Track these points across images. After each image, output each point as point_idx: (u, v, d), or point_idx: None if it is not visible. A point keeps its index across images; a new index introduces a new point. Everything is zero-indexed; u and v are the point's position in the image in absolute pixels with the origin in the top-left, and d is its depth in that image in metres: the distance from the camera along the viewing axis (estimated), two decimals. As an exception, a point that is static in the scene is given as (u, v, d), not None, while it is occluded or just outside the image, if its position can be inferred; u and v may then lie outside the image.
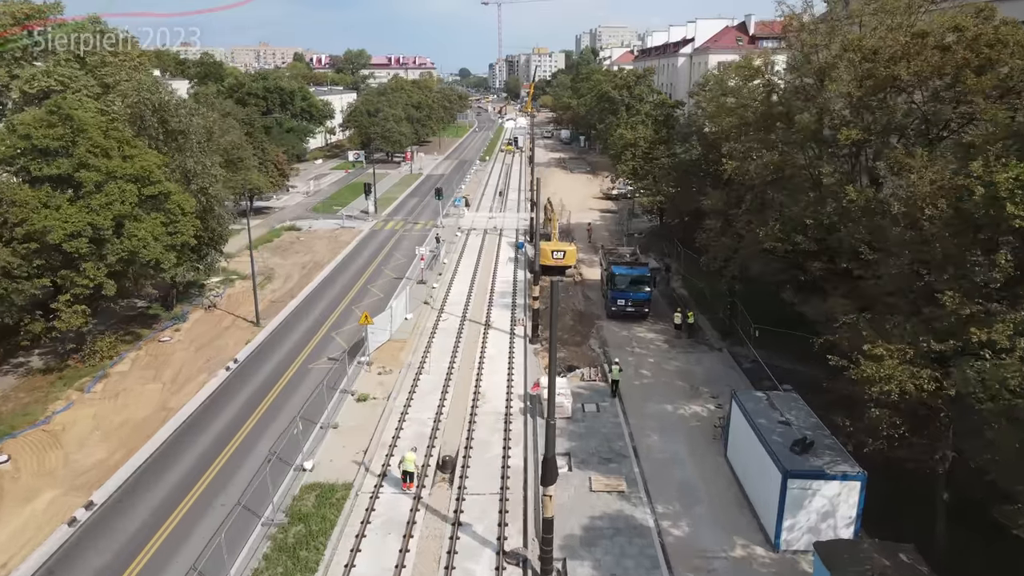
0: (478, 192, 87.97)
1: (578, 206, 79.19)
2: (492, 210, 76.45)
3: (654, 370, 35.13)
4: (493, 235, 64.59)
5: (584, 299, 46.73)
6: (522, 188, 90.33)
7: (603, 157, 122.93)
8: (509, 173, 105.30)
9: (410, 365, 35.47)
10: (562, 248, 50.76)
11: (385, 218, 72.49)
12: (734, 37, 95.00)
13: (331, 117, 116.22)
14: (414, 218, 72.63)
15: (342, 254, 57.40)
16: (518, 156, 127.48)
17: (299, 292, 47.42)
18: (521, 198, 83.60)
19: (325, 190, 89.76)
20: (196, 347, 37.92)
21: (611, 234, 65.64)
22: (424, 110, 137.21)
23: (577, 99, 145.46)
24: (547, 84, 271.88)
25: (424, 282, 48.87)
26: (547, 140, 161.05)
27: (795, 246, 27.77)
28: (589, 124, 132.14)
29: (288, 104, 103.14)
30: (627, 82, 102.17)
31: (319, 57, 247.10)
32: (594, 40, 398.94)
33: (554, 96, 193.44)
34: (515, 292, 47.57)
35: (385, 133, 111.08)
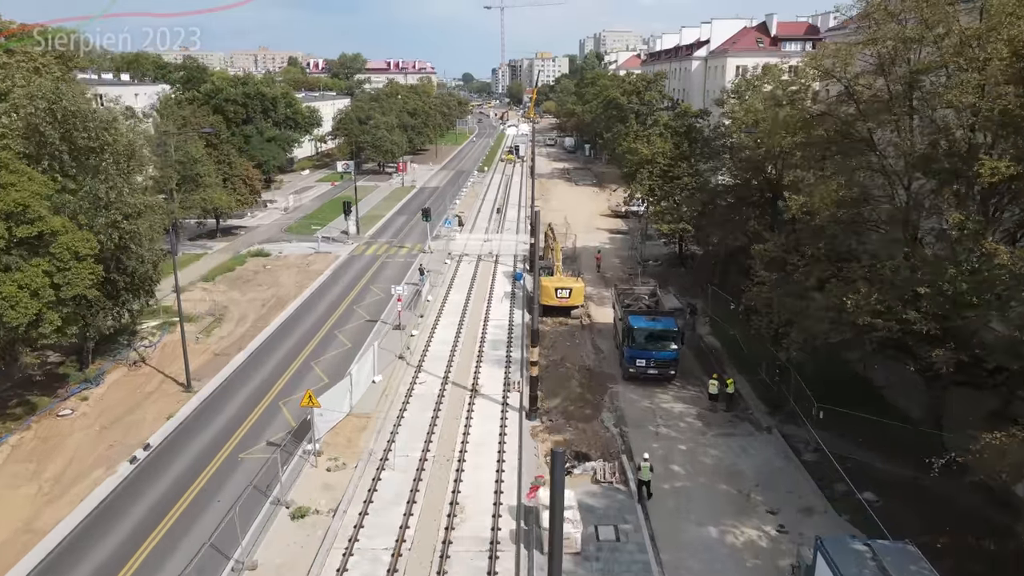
0: (473, 209, 79.91)
1: (584, 225, 71.17)
2: (488, 231, 68.37)
3: (689, 463, 26.97)
4: (488, 262, 56.51)
5: (594, 350, 38.60)
6: (522, 204, 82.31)
7: (610, 167, 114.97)
8: (509, 186, 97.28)
9: (371, 454, 27.38)
10: (567, 285, 42.70)
11: (368, 240, 64.46)
12: (754, 38, 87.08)
13: (318, 125, 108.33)
14: (400, 240, 64.56)
15: (311, 288, 49.35)
16: (519, 166, 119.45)
17: (250, 341, 39.35)
18: (521, 216, 75.56)
19: (307, 206, 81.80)
20: (102, 424, 29.87)
21: (622, 261, 57.51)
22: (420, 117, 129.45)
23: (582, 105, 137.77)
24: (550, 89, 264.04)
25: (402, 327, 40.77)
26: (550, 148, 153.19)
27: (903, 325, 19.62)
28: (595, 132, 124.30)
29: (270, 111, 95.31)
30: (636, 88, 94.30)
31: (316, 61, 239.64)
32: (598, 45, 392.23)
33: (557, 102, 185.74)
34: (510, 340, 39.45)
35: (376, 142, 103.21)
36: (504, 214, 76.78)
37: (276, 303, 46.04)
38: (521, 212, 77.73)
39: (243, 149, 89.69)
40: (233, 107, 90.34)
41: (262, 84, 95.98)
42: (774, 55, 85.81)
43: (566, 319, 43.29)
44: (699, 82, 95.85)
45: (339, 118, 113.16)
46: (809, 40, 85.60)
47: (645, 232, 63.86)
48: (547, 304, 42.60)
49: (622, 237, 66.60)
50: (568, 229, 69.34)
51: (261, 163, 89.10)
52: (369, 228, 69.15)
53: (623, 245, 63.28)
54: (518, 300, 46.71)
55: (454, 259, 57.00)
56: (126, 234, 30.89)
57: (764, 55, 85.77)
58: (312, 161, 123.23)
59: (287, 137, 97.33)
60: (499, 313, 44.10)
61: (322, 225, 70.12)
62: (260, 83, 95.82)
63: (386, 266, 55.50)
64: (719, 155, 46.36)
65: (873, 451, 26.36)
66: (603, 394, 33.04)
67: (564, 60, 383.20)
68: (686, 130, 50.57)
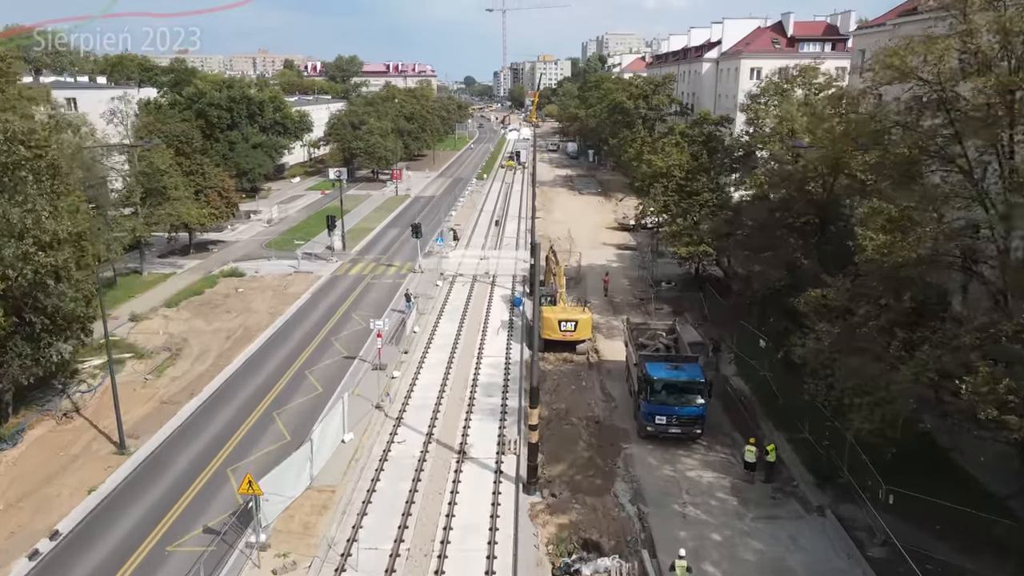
0: (470, 221, 74.66)
1: (589, 239, 65.93)
2: (485, 247, 63.08)
3: (727, 560, 21.66)
4: (484, 284, 51.26)
5: (603, 396, 33.32)
6: (523, 215, 77.08)
7: (615, 175, 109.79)
8: (509, 195, 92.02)
9: (331, 545, 22.08)
10: (572, 316, 37.42)
11: (354, 257, 59.22)
12: (769, 39, 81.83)
13: (309, 130, 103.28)
14: (389, 257, 59.30)
15: (285, 315, 44.12)
16: (520, 173, 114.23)
17: (207, 383, 34.10)
18: (521, 229, 70.29)
19: (292, 217, 76.58)
20: (8, 501, 24.61)
21: (632, 283, 52.21)
22: (417, 122, 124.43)
23: (585, 110, 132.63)
24: (552, 93, 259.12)
25: (382, 367, 35.48)
26: (552, 154, 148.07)
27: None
28: (599, 138, 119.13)
29: (257, 116, 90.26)
30: (643, 91, 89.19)
31: (313, 64, 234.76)
32: (601, 47, 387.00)
33: (560, 106, 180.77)
34: (506, 384, 34.17)
35: (369, 148, 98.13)
36: (503, 227, 71.50)
37: (244, 334, 40.78)
38: (521, 225, 72.49)
39: (227, 156, 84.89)
40: (217, 112, 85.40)
41: (248, 87, 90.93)
42: (791, 57, 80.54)
43: (571, 354, 38.05)
44: (710, 85, 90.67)
45: (331, 123, 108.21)
46: (828, 41, 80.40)
47: (656, 249, 58.66)
48: (550, 338, 37.38)
49: (631, 254, 61.28)
50: (572, 244, 64.08)
51: (246, 171, 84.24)
52: (356, 243, 63.90)
53: (632, 263, 57.95)
54: (516, 330, 41.45)
55: (447, 280, 51.73)
56: (42, 268, 25.62)
57: (780, 57, 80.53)
58: (304, 168, 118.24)
59: (275, 143, 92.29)
60: (495, 347, 38.81)
61: (306, 240, 64.91)
62: (246, 86, 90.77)
63: (371, 288, 50.24)
64: (745, 167, 41.05)
65: (957, 545, 21.10)
66: (616, 457, 27.71)
67: (567, 63, 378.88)
68: (705, 139, 45.27)
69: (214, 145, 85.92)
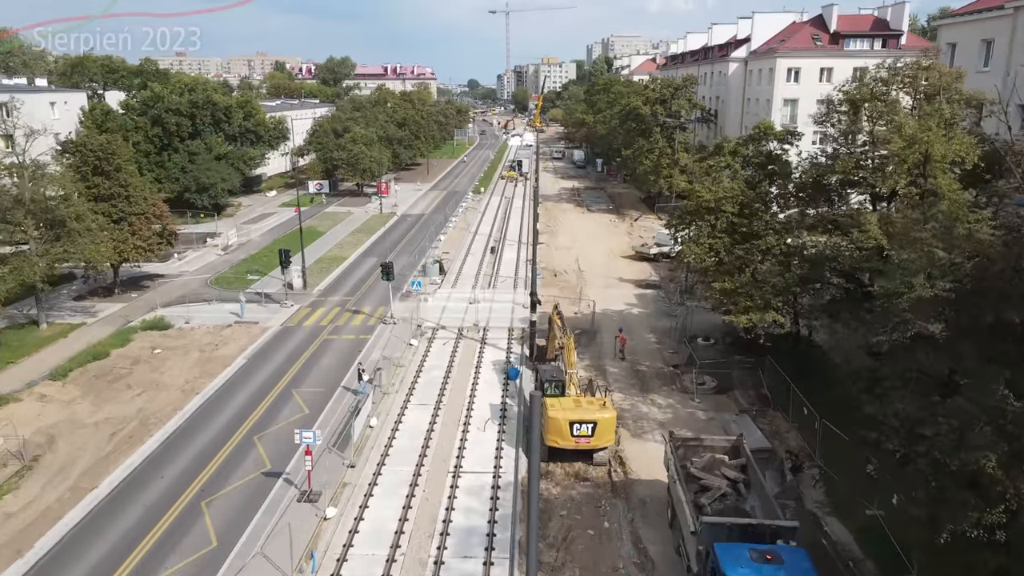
0: (461, 247, 63.62)
1: (602, 272, 54.97)
2: (477, 283, 51.99)
3: None
4: (471, 342, 40.25)
5: (636, 554, 22.26)
6: (524, 239, 66.14)
7: (628, 188, 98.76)
8: (508, 213, 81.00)
9: None
10: (589, 417, 26.34)
11: (315, 299, 48.33)
12: (809, 35, 70.75)
13: (285, 138, 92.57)
14: (359, 300, 48.33)
15: (204, 393, 33.18)
16: (521, 185, 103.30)
17: (51, 527, 23.14)
18: (522, 258, 59.29)
19: (255, 242, 65.65)
20: None
21: (659, 338, 41.12)
22: (411, 128, 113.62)
23: (593, 115, 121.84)
24: (557, 96, 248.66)
25: (313, 497, 24.48)
26: (557, 162, 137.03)
27: None
28: (609, 146, 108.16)
29: (223, 123, 79.59)
30: (661, 95, 78.16)
31: (306, 66, 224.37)
32: (606, 50, 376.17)
33: (565, 110, 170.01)
34: (492, 529, 23.09)
35: (351, 159, 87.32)
36: (500, 255, 60.44)
37: (138, 428, 29.85)
38: (522, 252, 61.48)
39: (187, 169, 74.28)
40: (176, 119, 74.78)
41: (213, 91, 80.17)
42: (835, 55, 69.61)
43: (586, 465, 27.05)
44: (737, 88, 79.64)
45: (312, 130, 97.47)
46: (878, 36, 69.30)
47: (686, 288, 47.68)
48: (557, 446, 26.42)
49: (653, 294, 50.19)
50: (580, 280, 53.10)
51: (207, 186, 73.52)
52: (322, 279, 52.96)
53: (657, 308, 46.83)
54: (511, 420, 30.46)
55: (424, 336, 40.78)
56: None
57: (823, 55, 69.59)
58: (285, 179, 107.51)
59: (244, 154, 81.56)
60: (480, 454, 27.81)
61: (263, 273, 54.03)
62: (211, 89, 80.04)
63: (327, 349, 39.26)
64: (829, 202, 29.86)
65: None
66: None
67: (571, 66, 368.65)
68: (764, 160, 34.08)
69: (172, 157, 75.47)
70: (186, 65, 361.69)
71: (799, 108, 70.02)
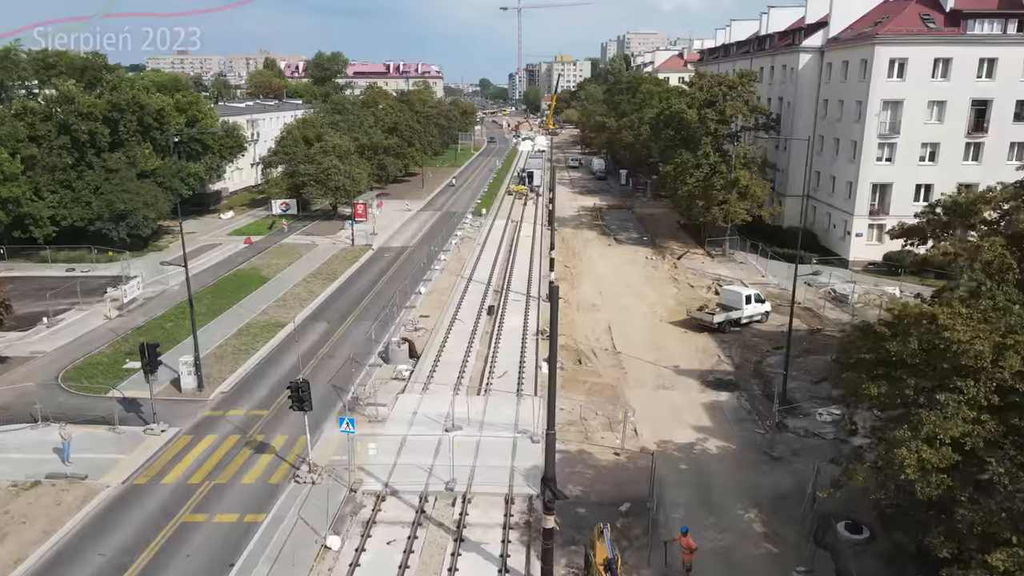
0: (447, 306, 46.11)
1: (646, 350, 37.73)
2: (463, 384, 34.44)
3: None
4: (439, 533, 22.90)
5: None
6: (534, 289, 48.80)
7: (659, 206, 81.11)
8: (515, 246, 63.47)
9: None
10: None
11: (210, 412, 31.16)
12: (917, 15, 52.89)
13: (242, 148, 75.67)
14: (276, 417, 30.82)
15: None
16: (532, 204, 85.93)
17: None
18: (531, 324, 41.86)
19: (172, 293, 48.50)
20: None
21: (762, 521, 23.55)
22: (403, 134, 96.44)
23: (617, 119, 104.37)
24: (572, 96, 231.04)
25: None
26: (573, 172, 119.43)
27: None
28: (638, 157, 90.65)
29: (154, 130, 62.73)
30: (712, 95, 60.60)
31: (302, 64, 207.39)
32: (622, 47, 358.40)
33: (582, 112, 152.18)
34: None
35: (321, 175, 70.29)
36: (498, 319, 43.02)
37: None
38: (531, 312, 44.08)
39: (99, 191, 57.51)
40: (89, 125, 57.96)
41: (141, 91, 63.25)
42: (954, 41, 51.73)
43: None
44: (809, 86, 61.90)
45: (280, 138, 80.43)
46: (1012, 16, 51.41)
47: (783, 393, 30.44)
48: None
49: (731, 402, 32.64)
50: (617, 372, 35.70)
51: (125, 213, 56.63)
52: (233, 369, 35.66)
53: (741, 437, 29.26)
54: None
55: (354, 520, 23.47)
56: None
57: (938, 42, 51.77)
58: (253, 194, 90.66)
59: (181, 169, 64.62)
60: None
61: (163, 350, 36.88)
62: (138, 89, 63.12)
63: (173, 555, 22.03)
64: None
65: None
66: None
67: (586, 64, 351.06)
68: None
69: (83, 175, 58.74)
70: (187, 63, 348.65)
71: (902, 113, 52.40)
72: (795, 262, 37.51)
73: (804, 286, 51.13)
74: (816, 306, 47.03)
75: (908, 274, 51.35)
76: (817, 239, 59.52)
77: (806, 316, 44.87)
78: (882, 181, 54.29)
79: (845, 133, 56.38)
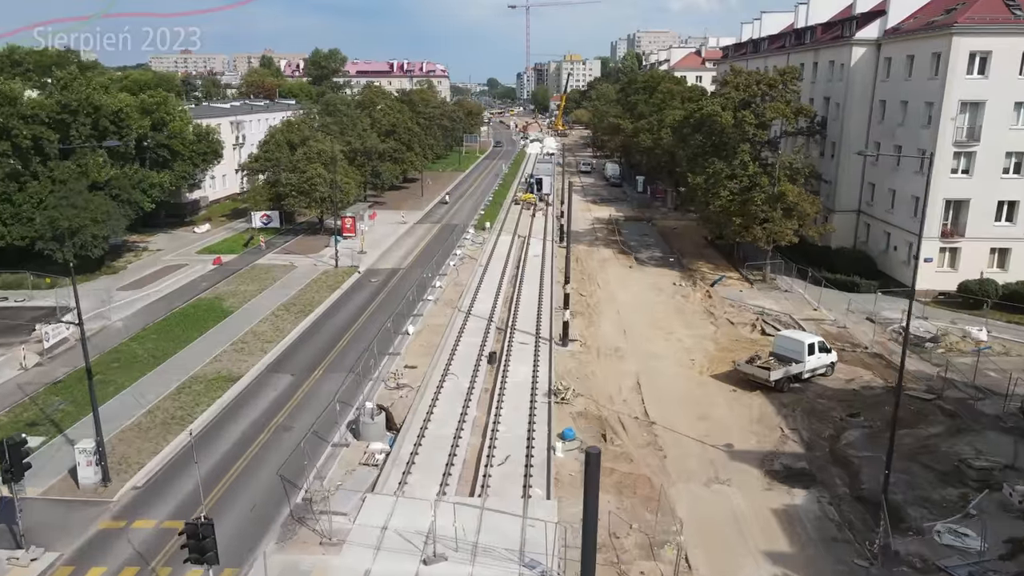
0: (439, 351, 37.74)
1: (686, 419, 29.49)
2: (452, 474, 26.17)
3: None
4: None
5: None
6: (544, 326, 40.64)
7: (684, 220, 72.89)
8: (522, 268, 55.27)
9: None
10: None
11: (112, 522, 23.20)
12: (1000, 0, 44.56)
13: (216, 154, 67.93)
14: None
15: None
16: (541, 216, 77.89)
17: None
18: (541, 380, 33.63)
19: (112, 332, 40.66)
20: None
21: None
22: (402, 137, 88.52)
23: (633, 122, 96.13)
24: (582, 95, 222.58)
25: None
26: (585, 177, 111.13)
27: None
28: (658, 163, 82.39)
29: (114, 134, 54.95)
30: (748, 95, 52.53)
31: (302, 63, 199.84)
32: (632, 45, 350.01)
33: (594, 112, 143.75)
34: None
35: (304, 184, 62.40)
36: (502, 369, 34.86)
37: None
38: (541, 360, 35.93)
39: (44, 205, 49.93)
40: (32, 130, 50.31)
41: (96, 90, 55.50)
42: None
43: None
44: (863, 84, 53.57)
45: (263, 142, 72.57)
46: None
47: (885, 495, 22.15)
48: None
49: (808, 503, 24.44)
50: (654, 452, 27.62)
51: (74, 230, 48.82)
52: (159, 448, 27.64)
53: (834, 559, 21.12)
54: None
55: None
56: None
57: (1028, 32, 43.36)
58: (239, 202, 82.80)
59: (142, 179, 56.86)
60: None
61: (59, 425, 29.07)
62: (92, 89, 55.36)
63: None
64: None
65: None
66: None
67: (596, 63, 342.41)
68: None
69: (26, 186, 51.04)
70: (191, 63, 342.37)
71: (983, 117, 44.05)
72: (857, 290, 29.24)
73: (865, 322, 42.92)
74: (885, 350, 38.82)
75: (991, 307, 43.07)
76: (873, 263, 51.19)
77: (878, 366, 36.68)
78: (957, 197, 45.97)
79: (910, 140, 48.00)
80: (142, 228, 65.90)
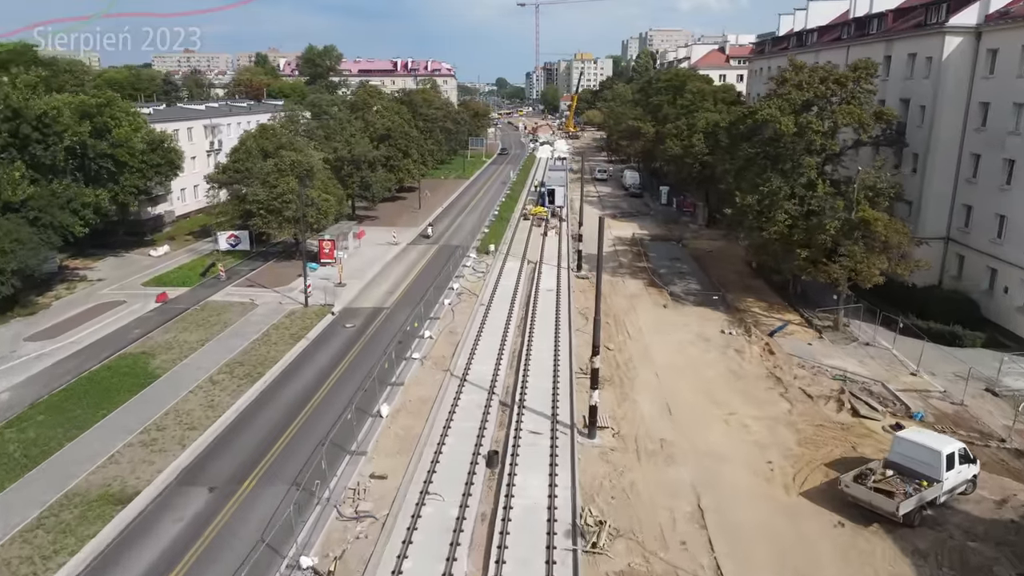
0: (420, 447, 27.54)
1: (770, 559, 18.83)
2: None
3: None
4: None
5: None
6: (572, 406, 30.45)
7: (719, 240, 62.35)
8: (531, 310, 44.76)
9: None
10: None
11: None
12: None
13: (175, 166, 58.09)
14: None
15: None
16: (554, 234, 67.71)
17: None
18: (569, 492, 23.45)
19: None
20: None
21: None
22: (398, 142, 78.37)
23: (655, 125, 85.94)
24: (594, 95, 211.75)
25: None
26: (601, 186, 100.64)
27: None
28: (688, 173, 71.94)
29: (35, 143, 45.20)
30: (818, 94, 42.31)
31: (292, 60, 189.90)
32: (644, 44, 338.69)
33: (608, 114, 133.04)
34: None
35: (274, 202, 52.39)
36: (507, 481, 24.67)
37: None
38: (560, 465, 25.73)
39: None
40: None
41: (16, 90, 45.67)
42: None
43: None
44: (957, 83, 43.03)
45: (232, 149, 62.58)
46: None
47: None
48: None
49: None
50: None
51: None
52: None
53: None
54: None
55: None
56: None
57: None
58: (212, 216, 72.66)
59: (73, 197, 46.93)
60: None
61: None
62: (12, 88, 45.53)
63: None
64: None
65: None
66: None
67: (607, 62, 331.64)
68: None
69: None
70: (194, 62, 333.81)
71: None
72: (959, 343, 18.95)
73: (985, 394, 32.56)
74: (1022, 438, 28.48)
75: None
76: (976, 307, 40.71)
77: (1017, 465, 26.32)
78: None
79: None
80: (91, 250, 56.32)
